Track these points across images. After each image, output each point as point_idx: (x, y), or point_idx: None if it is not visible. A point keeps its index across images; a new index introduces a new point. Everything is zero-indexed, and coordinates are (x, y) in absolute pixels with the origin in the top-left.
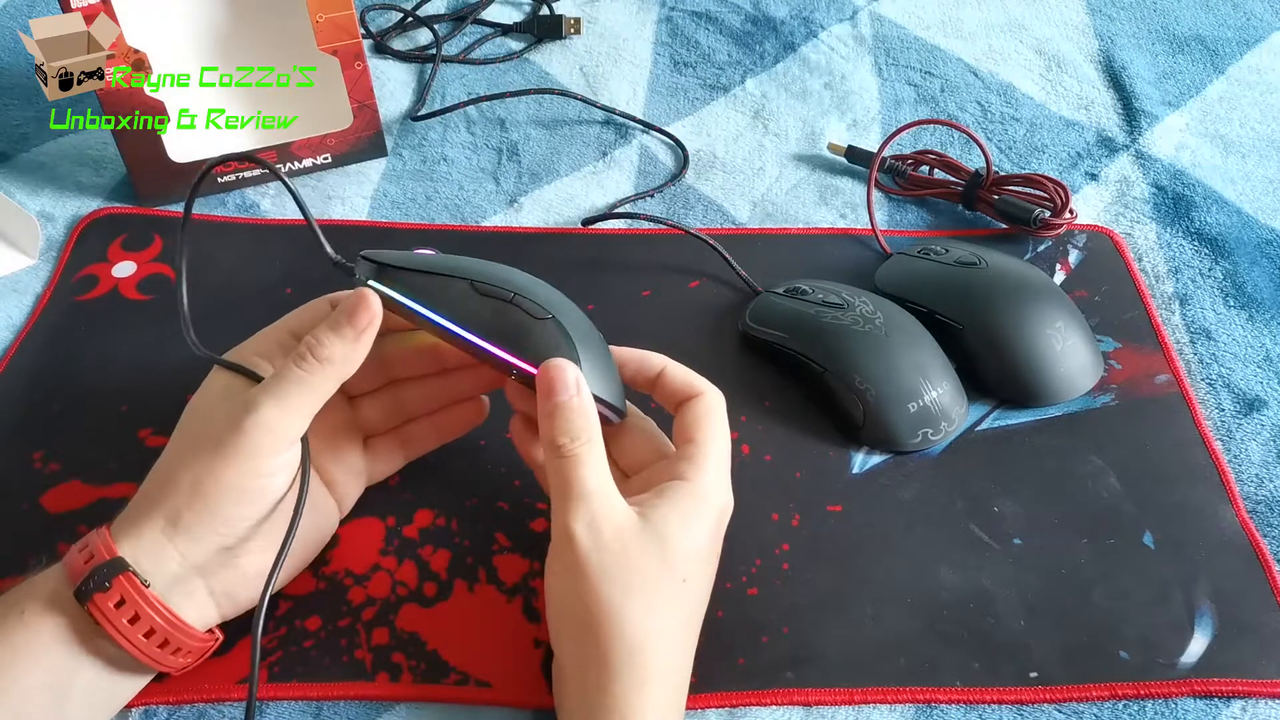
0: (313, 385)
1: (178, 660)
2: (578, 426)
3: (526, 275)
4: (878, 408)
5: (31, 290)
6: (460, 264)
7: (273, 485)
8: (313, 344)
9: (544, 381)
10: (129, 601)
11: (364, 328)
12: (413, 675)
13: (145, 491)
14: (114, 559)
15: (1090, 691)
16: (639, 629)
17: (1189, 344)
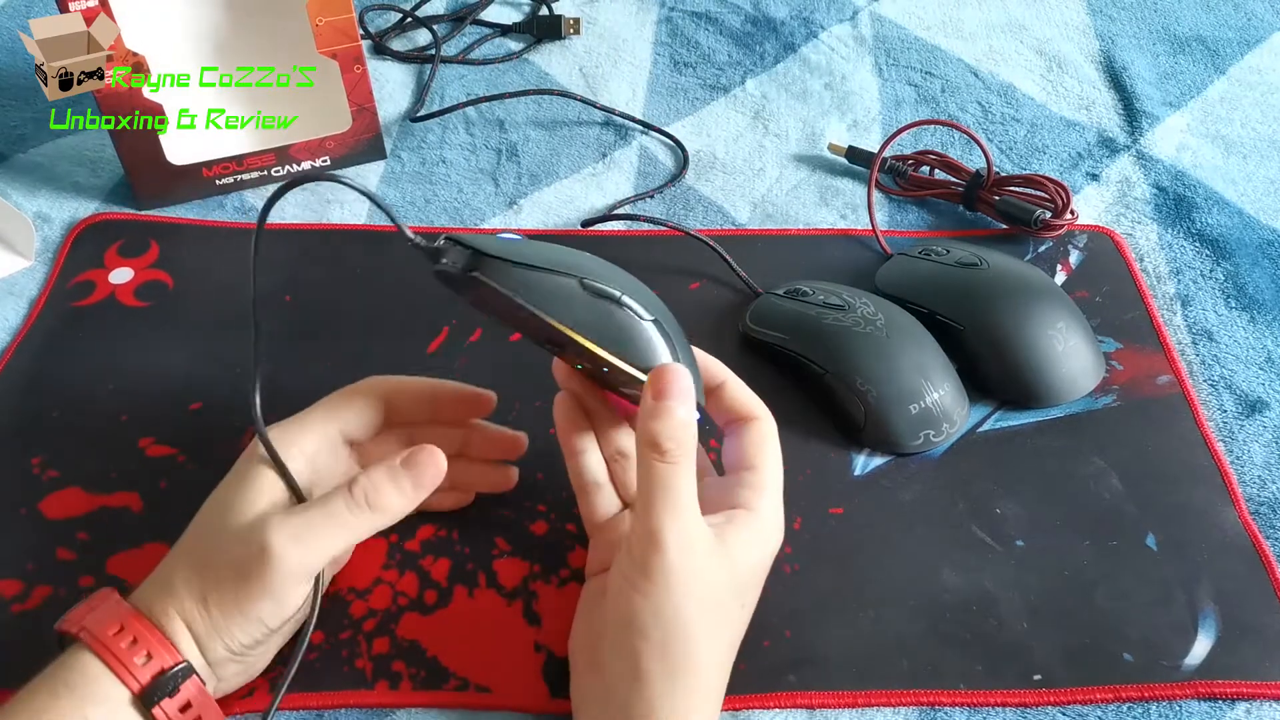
0: (356, 529)
1: None
2: (685, 435)
3: (624, 272)
4: (879, 409)
5: (27, 293)
6: (560, 257)
7: (293, 608)
8: (370, 490)
9: (660, 383)
10: (194, 704)
11: (428, 486)
12: (412, 682)
13: (169, 587)
14: (182, 665)
15: (1094, 694)
16: (705, 649)
17: (1191, 345)
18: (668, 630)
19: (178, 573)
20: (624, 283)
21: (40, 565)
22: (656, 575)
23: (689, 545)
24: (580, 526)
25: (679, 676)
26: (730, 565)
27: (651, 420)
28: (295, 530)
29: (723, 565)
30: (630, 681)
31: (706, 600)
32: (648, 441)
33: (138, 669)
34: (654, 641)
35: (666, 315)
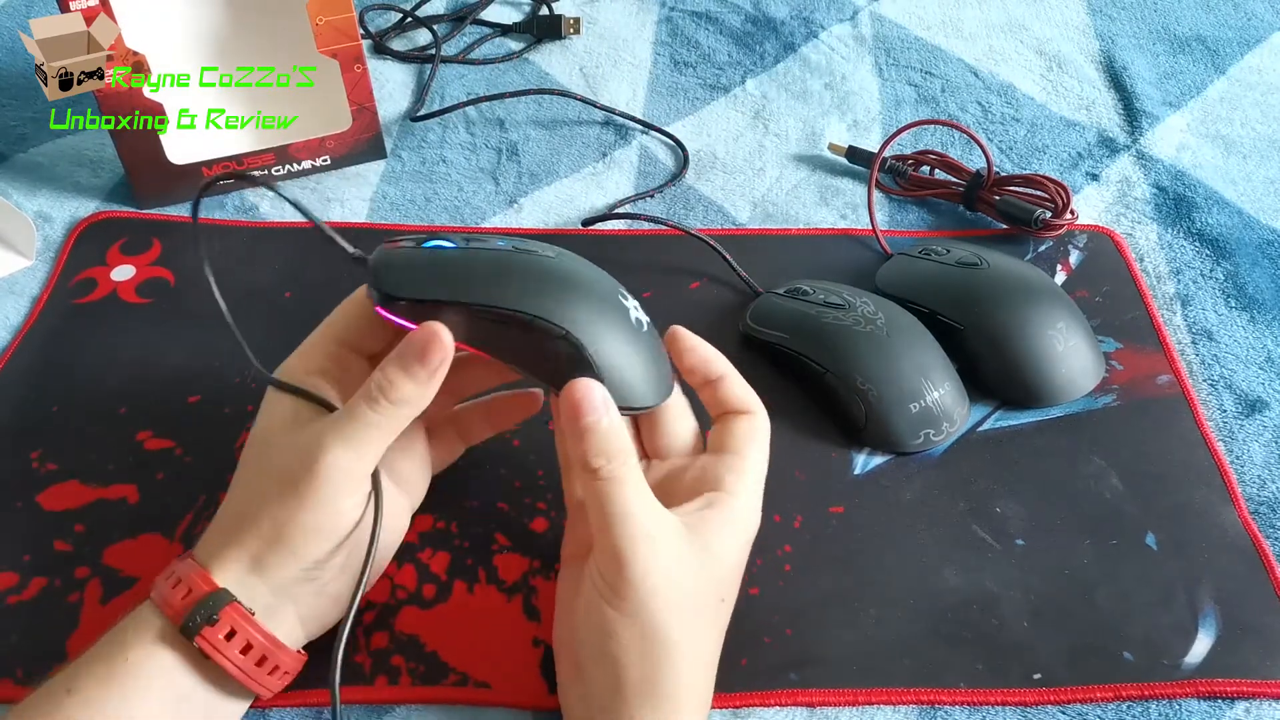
0: (386, 426)
1: (277, 683)
2: (612, 447)
3: (547, 263)
4: (879, 408)
5: (28, 292)
6: (472, 276)
7: (350, 519)
8: (385, 385)
9: (568, 405)
10: (239, 631)
11: (436, 367)
12: (411, 678)
13: (222, 527)
14: (218, 591)
15: (1094, 693)
16: (688, 653)
17: (1190, 345)
18: (645, 641)
19: (228, 510)
20: (535, 288)
21: (37, 557)
22: (627, 592)
23: (654, 556)
24: None
25: (660, 683)
26: (706, 561)
27: (574, 445)
28: (334, 432)
29: (698, 563)
30: (612, 692)
31: (684, 605)
32: (578, 463)
33: (176, 602)
34: (632, 652)
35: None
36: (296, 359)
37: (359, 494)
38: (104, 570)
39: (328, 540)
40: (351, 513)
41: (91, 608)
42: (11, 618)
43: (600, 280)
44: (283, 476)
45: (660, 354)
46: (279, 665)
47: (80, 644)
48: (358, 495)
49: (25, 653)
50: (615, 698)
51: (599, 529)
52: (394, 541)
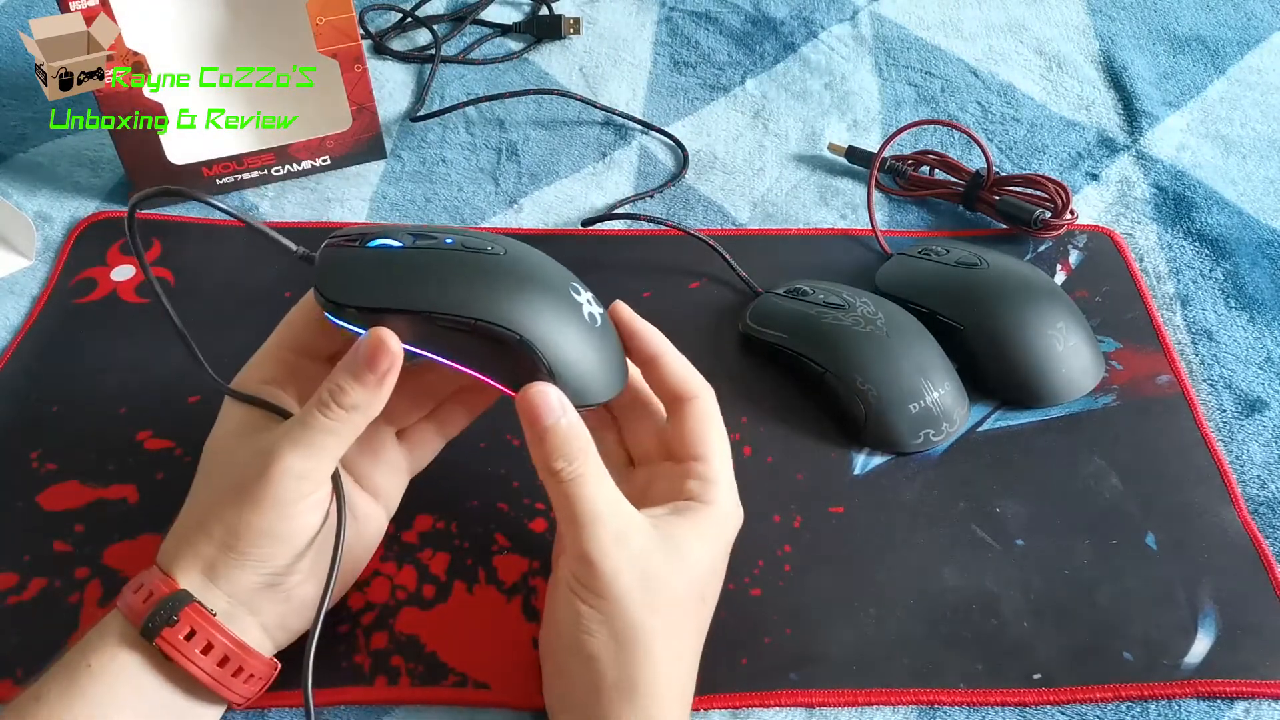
0: (338, 432)
1: (248, 688)
2: (572, 448)
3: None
4: (879, 408)
5: (28, 292)
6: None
7: (308, 523)
8: (335, 391)
9: (525, 410)
10: (199, 631)
11: (385, 371)
12: (411, 678)
13: (179, 535)
14: (177, 592)
15: (1094, 693)
16: (665, 650)
17: (1190, 345)
18: (620, 640)
19: (185, 518)
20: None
21: (37, 557)
22: (602, 591)
23: (624, 556)
24: None
25: (638, 682)
26: (682, 562)
27: (534, 448)
28: (288, 438)
29: (673, 564)
30: (591, 690)
31: (659, 604)
32: (540, 467)
33: (138, 606)
34: (608, 651)
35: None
36: (251, 368)
37: (314, 499)
38: (104, 571)
39: (283, 546)
40: (307, 517)
41: (91, 608)
42: (11, 618)
43: (551, 277)
44: (237, 483)
45: (614, 346)
46: (244, 668)
47: None
48: (313, 500)
49: (25, 653)
50: (594, 696)
51: (567, 530)
52: (367, 548)
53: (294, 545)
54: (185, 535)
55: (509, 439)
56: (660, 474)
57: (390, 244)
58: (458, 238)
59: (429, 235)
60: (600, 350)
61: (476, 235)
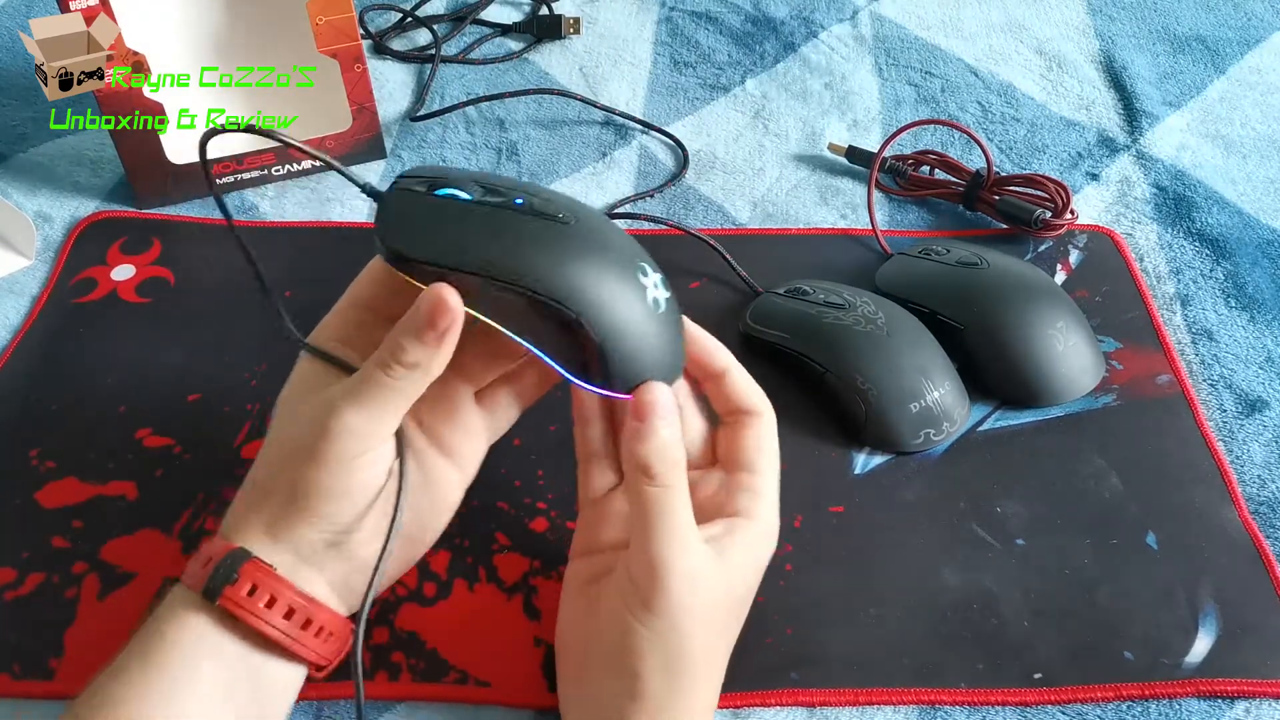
0: (400, 389)
1: (325, 647)
2: (675, 455)
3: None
4: (879, 408)
5: (28, 291)
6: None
7: (369, 480)
8: (396, 349)
9: (639, 405)
10: (261, 586)
11: (444, 330)
12: (412, 674)
13: (244, 497)
14: (234, 550)
15: (1095, 692)
16: (705, 666)
17: (1190, 344)
18: (670, 655)
19: (250, 481)
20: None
21: (35, 553)
22: (660, 607)
23: (691, 573)
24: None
25: (681, 693)
26: (729, 579)
27: (637, 443)
28: (348, 394)
29: (723, 582)
30: (628, 699)
31: (710, 622)
32: (637, 465)
33: (198, 572)
34: (656, 665)
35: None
36: (323, 325)
37: (375, 456)
38: (101, 566)
39: (344, 502)
40: (367, 473)
41: (89, 603)
42: (9, 613)
43: (620, 254)
44: (298, 439)
45: (674, 335)
46: (313, 620)
47: (77, 639)
48: (373, 457)
49: (23, 648)
50: (632, 706)
51: (641, 536)
52: (440, 511)
53: (355, 502)
54: (247, 499)
55: (509, 439)
56: (707, 480)
57: (458, 195)
58: (529, 198)
59: (500, 190)
60: (659, 338)
61: (549, 197)
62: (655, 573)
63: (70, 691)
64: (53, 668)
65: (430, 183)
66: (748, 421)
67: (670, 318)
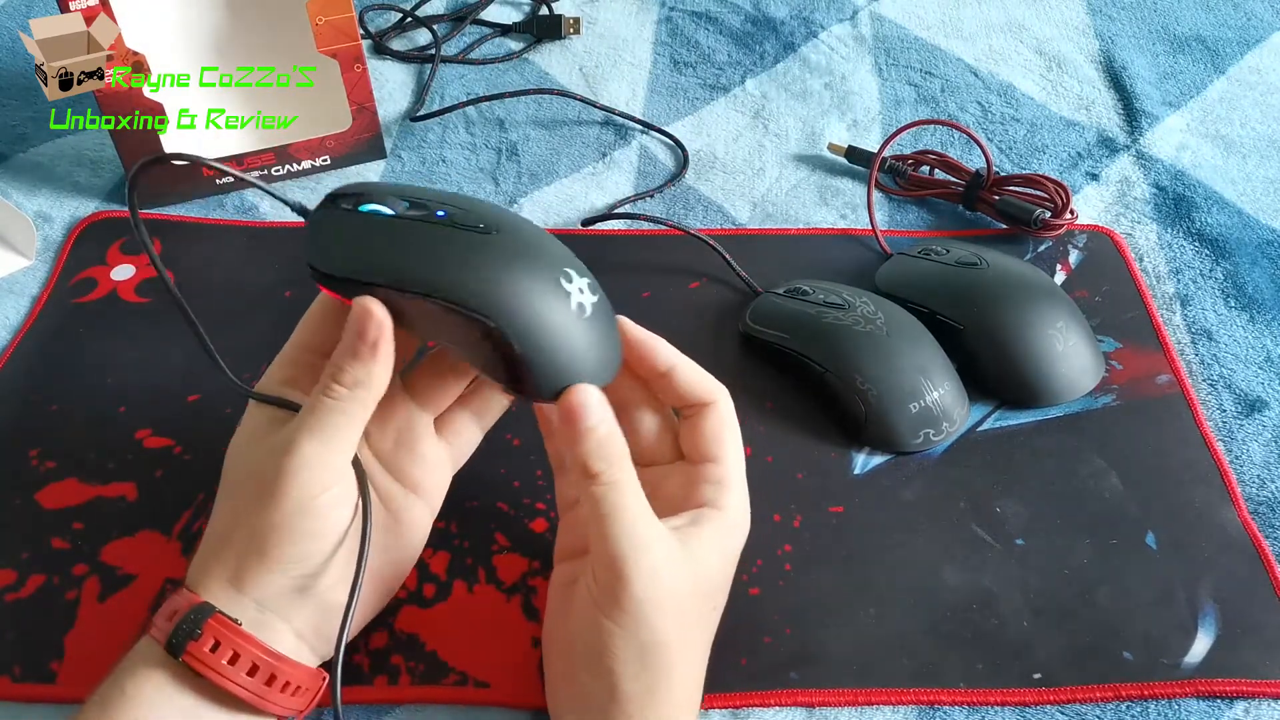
0: (347, 411)
1: (292, 700)
2: (611, 451)
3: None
4: (879, 408)
5: (28, 291)
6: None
7: (331, 519)
8: (334, 372)
9: (565, 409)
10: (224, 642)
11: (376, 340)
12: (411, 677)
13: (204, 550)
14: (198, 605)
15: (1094, 692)
16: (681, 659)
17: (1190, 344)
18: (643, 652)
19: (210, 532)
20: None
21: (35, 554)
22: (626, 604)
23: (653, 567)
24: None
25: (657, 691)
26: (697, 572)
27: (572, 447)
28: (299, 428)
29: (691, 574)
30: (606, 700)
31: (681, 616)
32: (577, 468)
33: (163, 625)
34: (629, 663)
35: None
36: (272, 369)
37: (336, 493)
38: (102, 567)
39: (306, 544)
40: (329, 514)
41: (89, 605)
42: (9, 615)
43: (542, 260)
44: (255, 483)
45: (602, 338)
46: (277, 676)
47: (78, 642)
48: (335, 493)
49: (22, 650)
50: (611, 706)
51: (597, 536)
52: (412, 548)
53: (318, 544)
54: (209, 549)
55: (509, 439)
56: (671, 474)
57: (380, 210)
58: (452, 210)
59: (424, 204)
60: (584, 342)
61: (472, 208)
62: (616, 569)
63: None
64: (53, 670)
65: (356, 199)
66: (704, 412)
67: (598, 321)
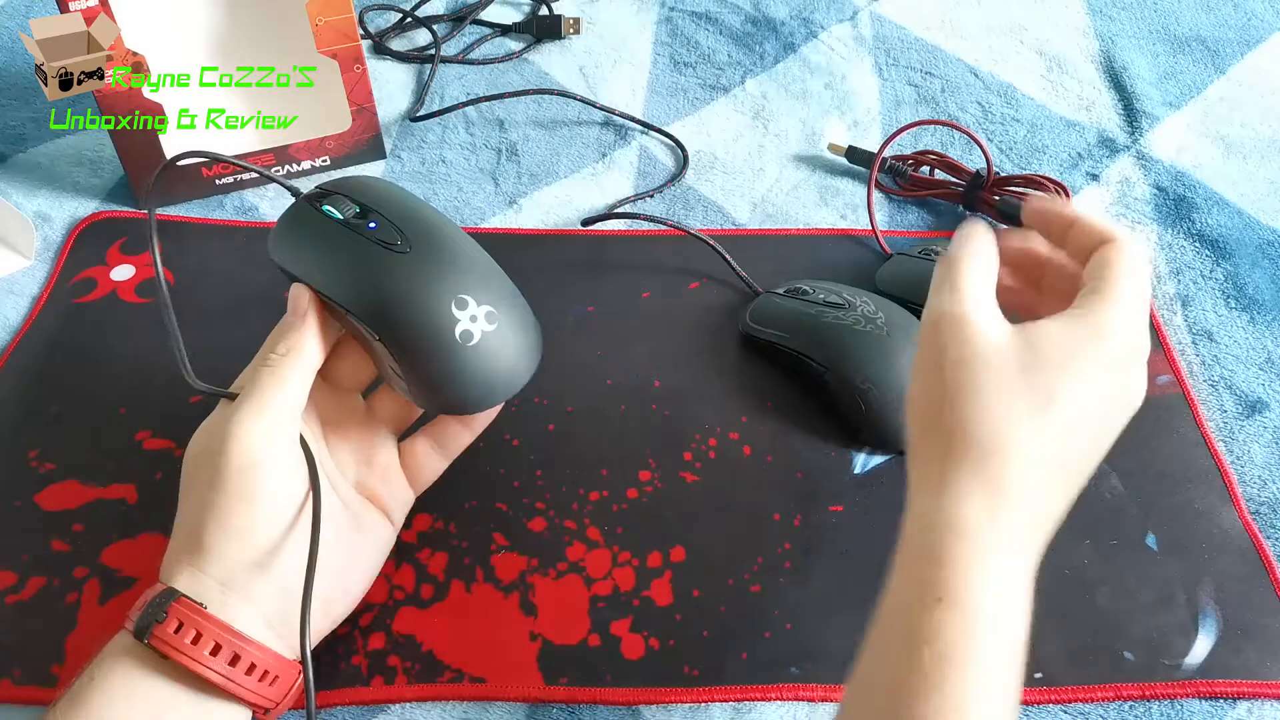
0: (280, 375)
1: (268, 689)
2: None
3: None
4: (879, 407)
5: (28, 292)
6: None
7: (274, 481)
8: (270, 344)
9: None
10: (187, 623)
11: (305, 310)
12: (407, 676)
13: (172, 539)
14: (164, 590)
15: (1095, 692)
16: (986, 430)
17: (1191, 345)
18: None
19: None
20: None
21: (35, 557)
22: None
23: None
24: (577, 523)
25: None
26: (1025, 349)
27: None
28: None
29: (1012, 348)
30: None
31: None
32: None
33: (132, 615)
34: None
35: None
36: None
37: (279, 455)
38: (102, 570)
39: (251, 505)
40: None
41: (90, 608)
42: (9, 618)
43: (439, 285)
44: (205, 459)
45: (490, 365)
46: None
47: (78, 644)
48: (277, 456)
49: (23, 653)
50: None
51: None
52: (374, 552)
53: (266, 508)
54: (174, 540)
55: (508, 439)
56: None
57: (332, 213)
58: (385, 222)
59: (368, 211)
60: (464, 367)
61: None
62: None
63: None
64: (54, 674)
65: (323, 198)
66: (1102, 248)
67: (484, 350)
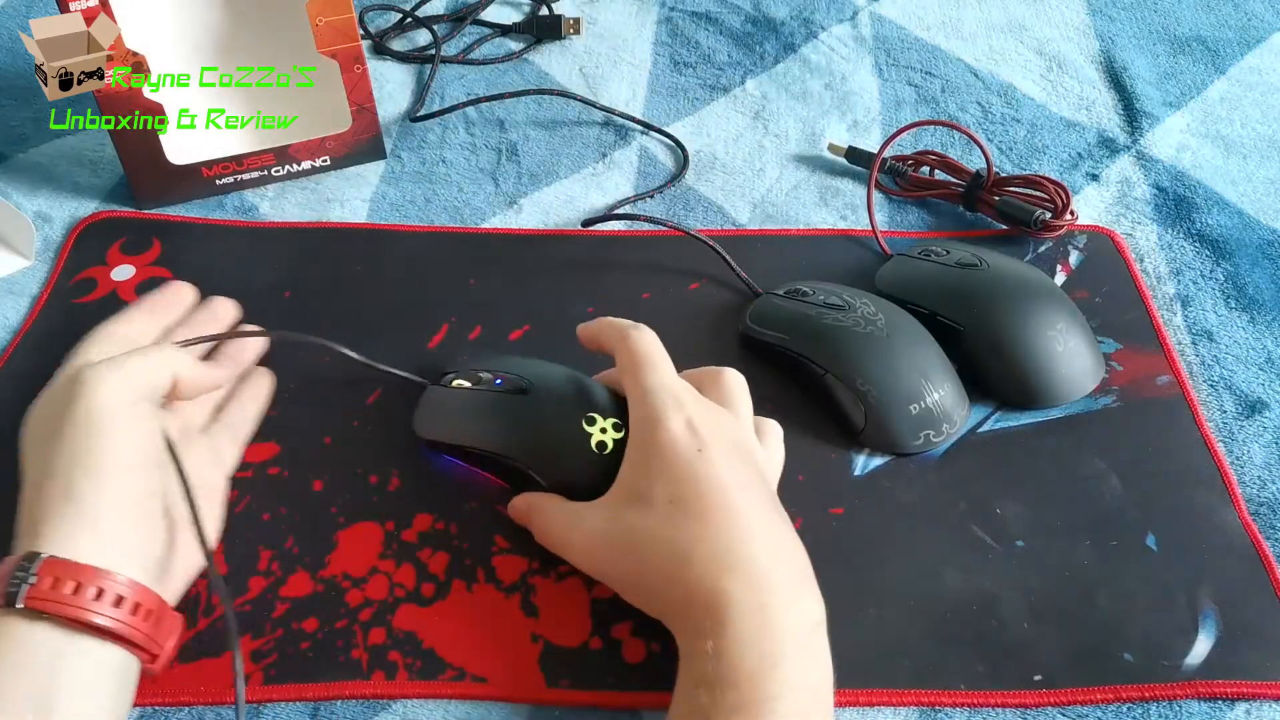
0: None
1: (154, 630)
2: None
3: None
4: (879, 409)
5: (28, 292)
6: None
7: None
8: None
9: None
10: (64, 575)
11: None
12: (409, 673)
13: (27, 511)
14: (22, 556)
15: (1094, 694)
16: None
17: (1190, 345)
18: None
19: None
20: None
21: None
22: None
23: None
24: None
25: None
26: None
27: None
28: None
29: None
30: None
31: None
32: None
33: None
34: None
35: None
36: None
37: (139, 405)
38: None
39: (121, 454)
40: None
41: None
42: None
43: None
44: (63, 414)
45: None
46: (125, 598)
47: None
48: (139, 406)
49: None
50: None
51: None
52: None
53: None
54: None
55: None
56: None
57: (464, 384)
58: (513, 380)
59: (508, 374)
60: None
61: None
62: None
63: None
64: None
65: (449, 375)
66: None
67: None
